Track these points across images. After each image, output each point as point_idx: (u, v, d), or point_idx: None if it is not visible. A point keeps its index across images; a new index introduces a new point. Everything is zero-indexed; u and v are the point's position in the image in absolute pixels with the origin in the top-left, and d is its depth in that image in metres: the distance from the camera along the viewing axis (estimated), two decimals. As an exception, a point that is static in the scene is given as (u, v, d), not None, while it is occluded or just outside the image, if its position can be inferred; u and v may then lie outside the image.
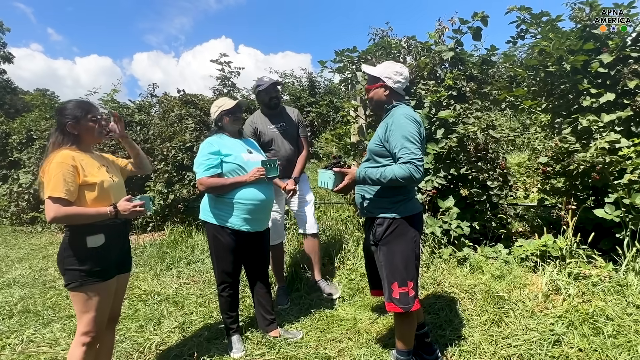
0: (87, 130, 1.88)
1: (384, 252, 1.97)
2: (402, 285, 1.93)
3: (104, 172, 1.89)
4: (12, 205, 7.59)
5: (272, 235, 3.11)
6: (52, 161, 1.75)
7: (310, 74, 10.99)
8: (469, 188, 3.50)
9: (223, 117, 2.52)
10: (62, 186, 1.71)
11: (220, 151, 2.38)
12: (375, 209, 2.01)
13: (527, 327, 2.39)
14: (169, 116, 6.05)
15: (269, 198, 2.52)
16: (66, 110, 1.86)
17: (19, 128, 8.36)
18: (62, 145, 1.84)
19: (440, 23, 3.93)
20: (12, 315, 3.26)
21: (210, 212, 2.45)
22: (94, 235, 1.81)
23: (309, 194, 3.26)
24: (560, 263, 2.92)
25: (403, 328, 2.02)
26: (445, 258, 3.32)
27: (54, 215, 1.70)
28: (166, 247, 4.67)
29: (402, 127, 1.87)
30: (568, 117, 3.34)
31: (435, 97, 3.53)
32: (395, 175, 1.80)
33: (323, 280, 3.26)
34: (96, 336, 1.85)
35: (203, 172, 2.35)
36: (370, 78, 2.11)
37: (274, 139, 3.13)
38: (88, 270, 1.79)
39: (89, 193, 1.80)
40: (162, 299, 3.36)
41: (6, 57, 28.48)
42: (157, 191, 5.45)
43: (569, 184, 3.48)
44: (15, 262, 5.08)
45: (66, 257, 1.80)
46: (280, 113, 3.21)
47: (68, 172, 1.74)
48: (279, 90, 3.17)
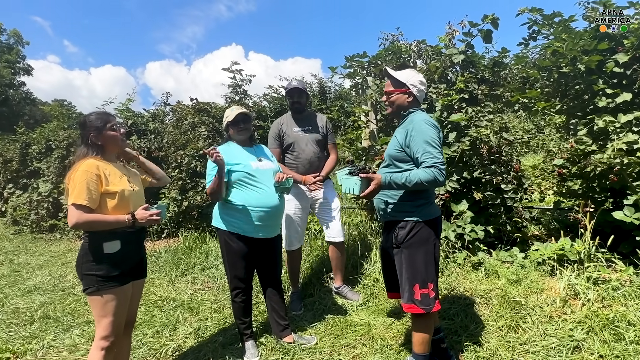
0: (109, 139, 1.97)
1: (405, 254, 2.00)
2: (423, 287, 1.96)
3: (125, 181, 1.97)
4: (32, 213, 7.78)
5: (292, 240, 3.14)
6: (78, 169, 1.84)
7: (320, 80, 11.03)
8: (483, 191, 3.46)
9: (229, 128, 2.59)
10: (85, 194, 1.79)
11: (228, 161, 2.42)
12: (398, 212, 2.04)
13: (545, 333, 2.35)
14: (182, 124, 6.15)
15: (280, 205, 2.54)
16: (87, 123, 1.96)
17: (38, 138, 8.59)
18: (87, 156, 1.93)
19: (451, 26, 3.92)
20: (33, 321, 3.35)
21: (222, 219, 2.48)
22: (111, 242, 1.87)
23: (335, 201, 3.24)
24: (579, 267, 2.86)
25: (421, 331, 2.02)
26: (460, 262, 3.28)
27: (76, 221, 1.79)
28: (181, 254, 4.73)
29: (423, 133, 1.92)
30: (583, 118, 3.28)
31: (447, 101, 3.52)
32: (420, 179, 1.85)
33: (345, 286, 3.25)
34: (115, 341, 1.90)
35: (209, 182, 2.39)
36: (394, 82, 2.13)
37: (296, 142, 3.16)
38: (105, 275, 1.85)
39: (110, 201, 1.88)
40: (178, 304, 3.40)
41: (26, 70, 29.42)
42: (172, 198, 5.53)
43: (586, 186, 3.41)
44: (35, 269, 5.20)
45: (84, 263, 1.87)
46: (307, 117, 3.25)
47: (92, 181, 1.82)
48: (302, 96, 3.20)
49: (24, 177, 8.81)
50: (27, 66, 29.43)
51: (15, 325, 3.30)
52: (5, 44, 28.39)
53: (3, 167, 9.34)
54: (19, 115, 26.11)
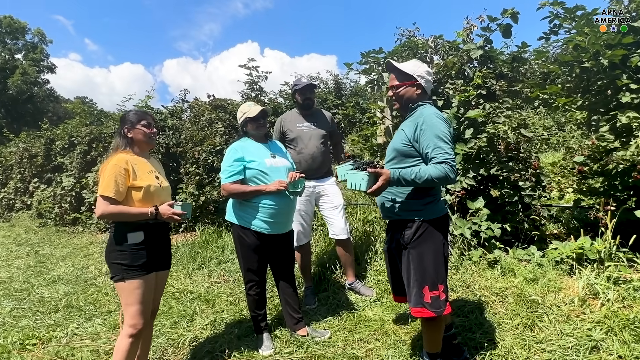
0: (139, 134, 2.08)
1: (413, 255, 1.92)
2: (433, 289, 1.88)
3: (152, 177, 2.06)
4: (55, 207, 8.05)
5: (299, 236, 3.15)
6: (109, 163, 1.96)
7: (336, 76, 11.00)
8: (500, 189, 3.41)
9: (247, 124, 2.59)
10: (112, 186, 1.90)
11: (244, 157, 2.45)
12: (404, 211, 1.96)
13: (562, 332, 2.31)
14: (200, 120, 6.26)
15: (292, 202, 2.56)
16: (125, 117, 2.10)
17: (61, 134, 8.88)
18: (119, 148, 2.06)
19: (469, 21, 3.86)
20: (57, 310, 3.48)
21: (235, 214, 2.53)
22: (135, 233, 1.96)
23: (339, 199, 3.24)
24: (599, 266, 2.79)
25: (432, 333, 1.98)
26: (475, 260, 3.24)
27: (102, 212, 1.90)
28: (198, 247, 4.83)
29: (434, 127, 1.84)
30: (606, 114, 3.20)
31: (464, 97, 3.48)
32: (431, 176, 1.77)
33: (358, 282, 3.26)
34: (142, 329, 1.97)
35: (226, 179, 2.43)
36: (401, 75, 2.01)
37: (300, 137, 3.17)
38: (129, 264, 1.93)
39: (135, 194, 1.98)
40: (195, 297, 3.48)
41: (49, 68, 30.31)
42: (189, 193, 5.64)
43: (608, 184, 3.32)
44: (59, 261, 5.40)
45: (111, 252, 1.97)
46: (313, 114, 3.27)
47: (120, 174, 1.93)
48: (314, 92, 3.23)
49: (48, 172, 9.11)
50: (51, 64, 30.34)
51: (41, 313, 3.44)
52: (30, 42, 29.31)
53: (29, 162, 9.68)
54: (43, 112, 27.01)
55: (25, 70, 27.55)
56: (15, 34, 28.45)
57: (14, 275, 4.83)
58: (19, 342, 2.83)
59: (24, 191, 9.98)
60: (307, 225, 3.21)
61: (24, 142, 10.54)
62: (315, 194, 3.22)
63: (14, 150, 10.76)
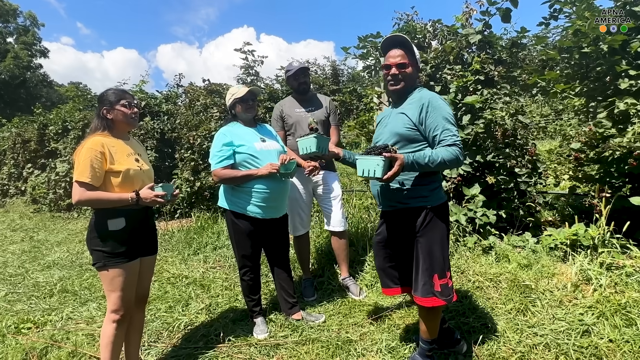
0: (119, 115, 1.95)
1: (422, 244, 1.86)
2: (442, 277, 1.85)
3: (132, 160, 1.95)
4: (50, 192, 8.00)
5: (297, 226, 3.11)
6: (84, 146, 1.84)
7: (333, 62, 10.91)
8: (496, 175, 3.40)
9: (236, 105, 2.54)
10: (88, 171, 1.80)
11: (233, 142, 2.41)
12: (412, 198, 1.87)
13: (554, 317, 2.34)
14: (195, 105, 6.19)
15: (284, 186, 2.54)
16: (103, 97, 1.97)
17: (55, 119, 8.75)
18: (97, 129, 1.94)
19: (468, 5, 3.79)
20: (52, 295, 3.48)
21: (228, 200, 2.51)
22: (115, 219, 1.87)
23: (337, 189, 3.15)
24: (592, 253, 2.81)
25: (433, 320, 1.95)
26: (470, 246, 3.26)
27: (79, 198, 1.81)
28: (193, 233, 4.82)
29: (441, 109, 1.80)
30: (604, 101, 3.17)
31: (462, 82, 3.44)
32: (443, 159, 1.72)
33: (350, 279, 3.13)
34: (125, 314, 1.94)
35: (216, 164, 2.40)
36: (412, 55, 1.93)
37: (298, 122, 3.10)
38: (111, 251, 1.87)
39: (114, 179, 1.87)
40: (190, 282, 3.49)
41: (42, 52, 29.74)
42: (184, 179, 5.61)
43: (603, 171, 3.32)
44: (54, 246, 5.38)
45: (92, 239, 1.89)
46: (310, 99, 3.21)
47: (95, 158, 1.82)
48: (307, 75, 3.17)
49: (42, 157, 9.02)
50: (44, 48, 29.77)
51: (36, 297, 3.44)
52: (22, 25, 28.69)
53: (22, 148, 9.57)
54: (36, 97, 26.64)
55: (17, 54, 27.04)
56: (6, 16, 27.81)
57: (8, 260, 4.82)
58: (13, 326, 2.83)
59: (18, 177, 9.90)
60: (305, 215, 3.13)
61: (16, 127, 10.40)
62: (313, 183, 3.16)
63: (7, 135, 10.61)
